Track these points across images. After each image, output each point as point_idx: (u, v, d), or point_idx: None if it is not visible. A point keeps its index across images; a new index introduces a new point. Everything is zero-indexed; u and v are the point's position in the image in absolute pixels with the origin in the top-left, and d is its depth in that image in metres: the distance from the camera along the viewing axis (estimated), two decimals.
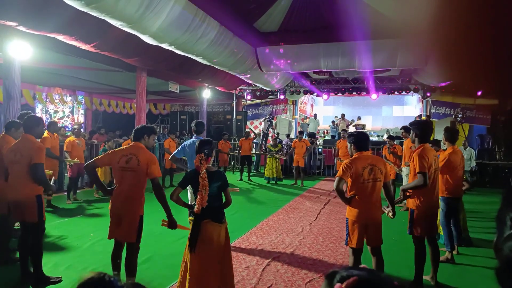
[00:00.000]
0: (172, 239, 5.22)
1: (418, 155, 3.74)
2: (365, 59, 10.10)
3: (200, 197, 2.97)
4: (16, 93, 7.20)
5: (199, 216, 3.03)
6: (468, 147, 11.05)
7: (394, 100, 21.05)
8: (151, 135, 3.66)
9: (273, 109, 18.63)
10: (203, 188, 2.98)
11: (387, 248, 4.31)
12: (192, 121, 5.58)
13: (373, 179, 3.48)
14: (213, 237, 3.05)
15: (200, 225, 3.03)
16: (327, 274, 0.96)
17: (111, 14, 5.74)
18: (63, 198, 7.86)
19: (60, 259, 4.50)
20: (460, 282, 4.12)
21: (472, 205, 6.65)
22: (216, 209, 3.13)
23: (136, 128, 3.67)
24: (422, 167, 3.67)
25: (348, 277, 0.89)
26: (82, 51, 7.59)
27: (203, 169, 3.03)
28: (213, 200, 3.05)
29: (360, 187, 3.50)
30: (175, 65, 9.74)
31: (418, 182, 3.69)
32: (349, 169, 3.48)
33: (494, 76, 5.25)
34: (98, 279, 0.80)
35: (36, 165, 3.70)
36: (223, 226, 3.17)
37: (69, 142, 7.70)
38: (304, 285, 3.87)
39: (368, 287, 0.89)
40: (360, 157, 3.56)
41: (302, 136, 11.49)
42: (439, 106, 15.19)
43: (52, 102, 14.66)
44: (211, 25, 8.00)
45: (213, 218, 3.08)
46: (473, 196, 8.97)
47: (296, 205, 8.07)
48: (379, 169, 3.52)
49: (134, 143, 3.56)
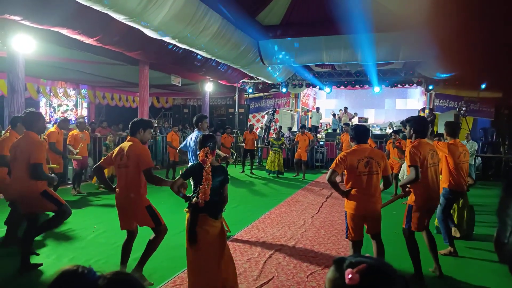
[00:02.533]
0: (174, 232, 5.26)
1: (409, 149, 3.78)
2: (367, 52, 10.06)
3: (203, 190, 2.98)
4: (20, 86, 7.25)
5: (197, 209, 3.02)
6: (471, 140, 11.01)
7: (397, 93, 20.97)
8: (147, 129, 3.69)
9: (275, 102, 18.60)
10: (206, 182, 2.98)
11: (388, 241, 4.34)
12: (194, 115, 5.60)
13: (369, 171, 3.50)
14: (208, 231, 3.03)
15: (197, 218, 3.04)
16: (336, 259, 0.98)
17: (114, 8, 5.75)
18: (67, 191, 7.94)
19: (64, 251, 4.56)
20: (463, 274, 4.14)
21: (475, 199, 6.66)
22: (215, 204, 3.11)
23: (132, 122, 3.70)
24: (412, 160, 3.70)
25: (357, 263, 0.92)
26: (85, 44, 7.62)
27: (208, 162, 3.03)
28: (213, 195, 3.05)
29: (356, 180, 3.53)
30: (177, 58, 9.75)
31: (410, 176, 3.73)
32: (343, 161, 3.51)
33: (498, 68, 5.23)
34: (71, 272, 0.79)
35: (35, 165, 3.72)
36: (219, 221, 3.14)
37: (72, 136, 7.76)
38: (305, 277, 3.91)
39: (377, 273, 0.92)
40: (358, 150, 3.59)
41: (305, 129, 11.49)
42: (443, 99, 15.11)
43: (56, 95, 14.73)
44: (213, 18, 7.99)
45: (210, 213, 3.05)
46: (477, 189, 8.97)
47: (298, 198, 8.11)
48: (377, 162, 3.54)
49: (129, 138, 3.64)
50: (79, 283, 0.78)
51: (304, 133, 11.10)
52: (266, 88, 17.20)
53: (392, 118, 18.76)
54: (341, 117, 16.77)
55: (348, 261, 0.95)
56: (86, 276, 0.79)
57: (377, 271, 0.92)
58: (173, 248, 4.64)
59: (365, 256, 0.98)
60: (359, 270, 0.90)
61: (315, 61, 11.24)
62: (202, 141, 3.15)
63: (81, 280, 0.78)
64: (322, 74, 15.75)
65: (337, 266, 0.96)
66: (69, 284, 0.79)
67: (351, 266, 0.92)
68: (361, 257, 0.97)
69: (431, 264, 4.07)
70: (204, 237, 3.03)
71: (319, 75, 15.80)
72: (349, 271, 0.90)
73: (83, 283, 0.78)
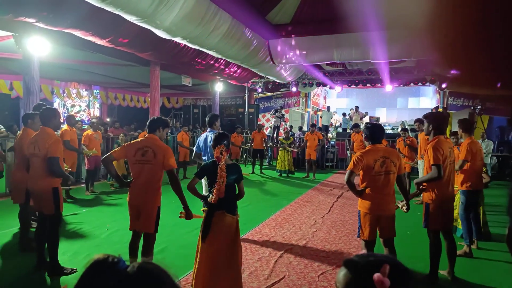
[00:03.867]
0: (186, 230, 5.32)
1: (432, 147, 3.70)
2: (379, 50, 9.95)
3: (217, 187, 3.03)
4: (35, 88, 7.40)
5: (213, 207, 3.09)
6: (486, 139, 10.82)
7: (409, 92, 20.73)
8: (165, 128, 3.74)
9: (285, 101, 18.58)
10: (221, 179, 3.03)
11: (402, 241, 4.31)
12: (204, 115, 5.61)
13: (386, 171, 3.47)
14: (224, 228, 3.11)
15: (214, 215, 3.10)
16: (346, 261, 0.96)
17: (126, 9, 5.82)
18: (82, 190, 8.07)
19: (79, 248, 4.65)
20: (477, 276, 4.07)
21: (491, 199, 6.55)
22: (230, 201, 3.19)
23: (151, 120, 3.71)
24: (436, 159, 3.64)
25: (376, 264, 0.90)
26: (98, 46, 7.73)
27: (222, 160, 3.07)
28: (228, 192, 3.12)
29: (372, 179, 3.49)
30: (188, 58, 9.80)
31: (432, 174, 3.66)
32: (360, 161, 3.48)
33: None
34: (103, 261, 0.82)
35: (51, 159, 3.77)
36: (235, 218, 3.23)
37: (87, 135, 7.93)
38: (317, 277, 3.91)
39: (399, 272, 0.91)
40: (373, 149, 3.55)
41: (315, 129, 11.46)
42: (457, 98, 14.84)
43: (69, 96, 14.97)
44: (223, 18, 8.01)
45: (227, 209, 3.14)
46: (492, 189, 8.82)
47: (309, 198, 8.09)
48: (392, 161, 3.50)
49: (149, 135, 3.61)
50: (111, 271, 0.80)
51: (313, 132, 11.07)
52: (276, 87, 17.17)
53: (404, 117, 18.56)
54: (352, 116, 16.67)
55: (364, 262, 0.92)
56: (117, 264, 0.81)
57: (398, 270, 0.91)
58: (185, 246, 4.68)
59: (374, 255, 0.96)
60: (385, 273, 0.87)
61: (326, 59, 11.16)
62: (217, 139, 3.21)
63: (113, 269, 0.80)
64: (332, 72, 15.65)
65: (350, 268, 0.94)
66: (101, 272, 0.81)
67: (369, 268, 0.89)
68: (371, 256, 0.95)
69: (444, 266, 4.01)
70: (219, 233, 3.08)
71: (329, 74, 15.70)
72: (379, 276, 0.87)
73: (114, 271, 0.80)
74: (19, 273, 3.92)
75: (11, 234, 5.11)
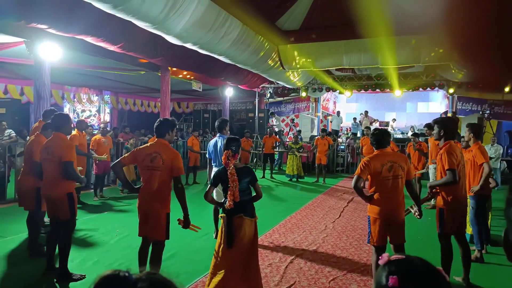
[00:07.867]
0: (196, 235, 5.29)
1: (446, 151, 3.67)
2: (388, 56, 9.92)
3: (231, 192, 3.05)
4: (46, 93, 7.49)
5: (231, 212, 3.11)
6: (496, 144, 10.69)
7: (418, 97, 20.55)
8: (174, 129, 3.69)
9: (295, 106, 18.53)
10: (233, 183, 3.06)
11: (412, 247, 4.26)
12: (215, 119, 5.62)
13: (394, 176, 3.45)
14: (244, 232, 3.13)
15: (233, 220, 3.11)
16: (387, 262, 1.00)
17: (137, 16, 5.88)
18: (91, 195, 8.11)
19: (88, 254, 4.66)
20: (490, 282, 4.02)
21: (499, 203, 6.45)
22: (247, 204, 3.21)
23: (158, 123, 3.60)
24: (451, 163, 3.61)
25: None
26: (109, 51, 7.81)
27: (230, 165, 3.10)
28: (243, 195, 3.14)
29: (380, 184, 3.48)
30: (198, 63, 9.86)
31: (448, 179, 3.61)
32: (367, 167, 3.47)
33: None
34: (113, 276, 0.82)
35: (66, 163, 3.82)
36: (254, 220, 3.25)
37: (95, 141, 7.96)
38: (327, 283, 3.87)
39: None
40: (380, 154, 3.55)
41: (325, 134, 11.42)
42: (466, 102, 14.72)
43: (80, 101, 15.14)
44: (233, 24, 8.05)
45: (245, 213, 3.16)
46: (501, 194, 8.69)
47: (319, 203, 8.05)
48: (400, 166, 3.48)
49: (158, 140, 3.56)
50: (122, 287, 0.80)
51: (324, 137, 11.03)
52: (285, 92, 17.16)
53: (414, 122, 18.42)
54: (362, 121, 16.59)
55: None
56: (127, 279, 0.81)
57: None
58: (195, 252, 4.68)
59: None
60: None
61: (335, 65, 11.15)
62: (225, 144, 3.24)
63: (123, 284, 0.80)
64: (342, 78, 15.61)
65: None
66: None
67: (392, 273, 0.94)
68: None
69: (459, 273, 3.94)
70: (240, 237, 3.11)
71: (339, 79, 15.66)
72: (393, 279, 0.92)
73: (125, 287, 0.80)
74: (27, 279, 3.94)
75: (19, 240, 5.13)
